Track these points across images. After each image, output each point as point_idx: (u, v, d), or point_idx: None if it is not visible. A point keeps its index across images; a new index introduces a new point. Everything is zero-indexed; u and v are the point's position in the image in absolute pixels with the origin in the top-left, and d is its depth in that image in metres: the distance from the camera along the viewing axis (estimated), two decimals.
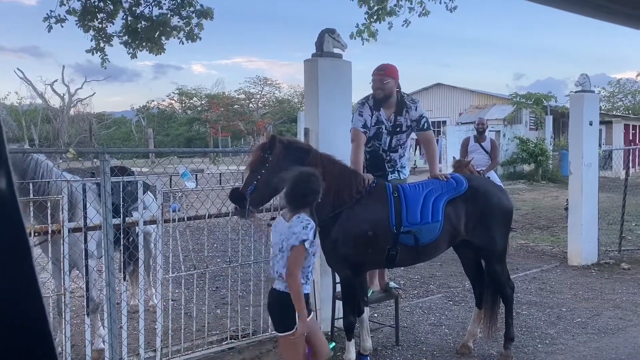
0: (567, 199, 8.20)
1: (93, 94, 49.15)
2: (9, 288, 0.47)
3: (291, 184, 3.30)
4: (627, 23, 1.06)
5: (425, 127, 4.59)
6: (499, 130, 23.03)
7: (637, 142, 25.47)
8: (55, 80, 37.63)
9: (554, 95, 25.44)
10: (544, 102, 24.80)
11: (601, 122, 9.06)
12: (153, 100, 51.87)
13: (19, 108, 38.24)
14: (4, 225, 0.46)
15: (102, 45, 8.12)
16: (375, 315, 5.38)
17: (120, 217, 4.07)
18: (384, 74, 4.44)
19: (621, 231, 8.44)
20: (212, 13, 8.21)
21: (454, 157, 8.86)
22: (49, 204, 3.83)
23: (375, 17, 8.27)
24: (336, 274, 4.46)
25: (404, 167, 4.79)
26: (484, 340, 4.71)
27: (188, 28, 8.21)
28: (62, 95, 37.66)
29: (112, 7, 7.85)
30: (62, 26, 7.73)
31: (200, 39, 8.30)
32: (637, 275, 7.09)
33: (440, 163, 22.69)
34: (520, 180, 21.31)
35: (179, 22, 8.21)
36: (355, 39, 8.43)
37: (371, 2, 8.19)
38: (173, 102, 51.39)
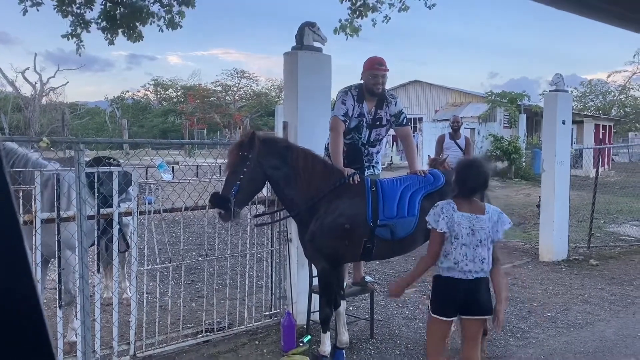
0: (539, 197, 8.37)
1: (66, 83, 48.25)
2: (3, 277, 0.46)
3: (476, 171, 3.25)
4: (612, 21, 1.09)
5: (404, 123, 4.64)
6: (474, 128, 23.34)
7: (607, 141, 26.07)
8: (27, 68, 36.81)
9: (527, 94, 25.87)
10: (518, 100, 25.19)
11: (573, 122, 9.26)
12: (128, 91, 51.23)
13: None
14: None
15: (79, 31, 7.95)
16: (351, 308, 5.42)
17: (111, 207, 4.02)
18: (385, 69, 4.43)
19: (590, 228, 8.65)
20: (193, 1, 8.13)
21: (429, 156, 8.96)
22: (21, 194, 3.75)
23: (357, 13, 8.29)
24: (313, 266, 4.47)
25: (378, 162, 4.83)
26: (457, 334, 4.78)
27: (169, 16, 8.10)
28: (34, 83, 36.82)
29: None
30: (37, 10, 7.54)
31: (181, 27, 8.22)
32: (604, 272, 7.29)
33: None
34: (493, 177, 21.62)
35: (159, 9, 8.10)
36: (338, 33, 8.45)
37: None
38: (148, 93, 50.75)
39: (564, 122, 7.88)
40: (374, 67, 4.41)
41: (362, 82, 4.53)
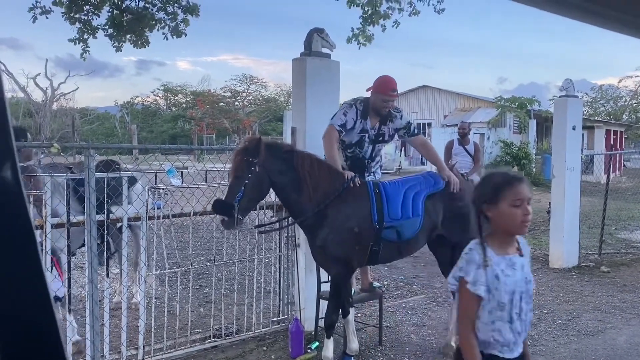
0: (550, 203, 8.30)
1: (76, 89, 48.75)
2: (15, 278, 0.47)
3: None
4: (615, 27, 1.07)
5: (416, 132, 4.60)
6: (483, 134, 23.25)
7: (618, 147, 25.87)
8: (38, 74, 37.26)
9: (537, 99, 25.75)
10: (528, 106, 25.08)
11: (583, 127, 9.17)
12: (137, 96, 51.58)
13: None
14: (10, 216, 0.46)
15: (85, 36, 8.04)
16: (359, 315, 5.40)
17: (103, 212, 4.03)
18: (396, 95, 4.39)
19: (601, 235, 8.57)
20: (197, 10, 8.20)
21: None
22: (31, 199, 3.78)
23: (369, 21, 8.29)
24: (326, 272, 4.44)
25: (378, 168, 4.82)
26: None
27: (173, 24, 8.17)
28: (45, 89, 37.21)
29: None
30: (47, 17, 7.65)
31: (185, 35, 8.27)
32: (616, 279, 7.21)
33: (424, 164, 22.85)
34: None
35: (164, 17, 8.17)
36: (351, 42, 8.44)
37: (365, 6, 8.21)
38: (158, 98, 51.07)
39: (574, 128, 7.82)
40: (388, 93, 4.31)
41: (368, 97, 4.49)
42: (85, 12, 7.88)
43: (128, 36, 8.08)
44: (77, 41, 8.06)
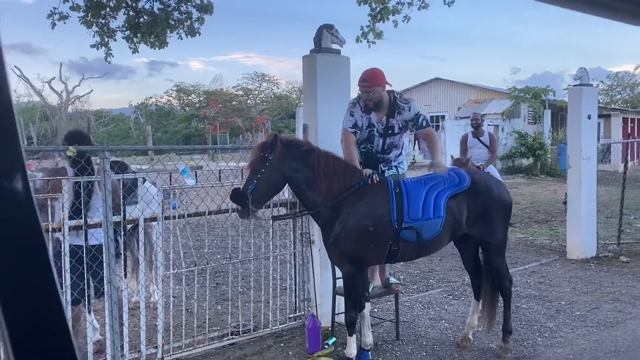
0: (566, 193, 8.22)
1: (91, 91, 49.11)
2: (27, 286, 0.48)
3: None
4: (622, 18, 1.06)
5: (424, 125, 4.50)
6: (498, 125, 23.05)
7: (636, 135, 25.48)
8: (53, 78, 37.68)
9: (552, 89, 25.44)
10: (542, 96, 24.79)
11: (600, 116, 9.03)
12: (151, 97, 51.93)
13: (17, 106, 38.17)
14: (21, 223, 0.47)
15: (106, 40, 8.15)
16: (376, 310, 5.40)
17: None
18: (369, 85, 4.29)
19: (620, 224, 8.46)
20: (212, 8, 8.24)
21: (452, 156, 8.87)
22: (49, 202, 3.84)
23: (378, 17, 8.25)
24: (338, 268, 4.46)
25: (402, 162, 4.76)
26: (483, 334, 4.74)
27: (188, 23, 8.23)
28: (60, 92, 37.64)
29: (114, 1, 7.86)
30: (64, 23, 7.77)
31: (199, 33, 8.34)
32: (635, 269, 7.12)
33: None
34: (518, 174, 21.34)
35: (179, 17, 8.24)
36: (361, 41, 8.42)
37: (373, 3, 8.17)
38: (171, 98, 51.40)
39: (589, 117, 7.73)
40: (359, 84, 4.32)
41: None
42: (102, 15, 7.98)
43: (146, 37, 8.16)
44: (99, 46, 8.19)
